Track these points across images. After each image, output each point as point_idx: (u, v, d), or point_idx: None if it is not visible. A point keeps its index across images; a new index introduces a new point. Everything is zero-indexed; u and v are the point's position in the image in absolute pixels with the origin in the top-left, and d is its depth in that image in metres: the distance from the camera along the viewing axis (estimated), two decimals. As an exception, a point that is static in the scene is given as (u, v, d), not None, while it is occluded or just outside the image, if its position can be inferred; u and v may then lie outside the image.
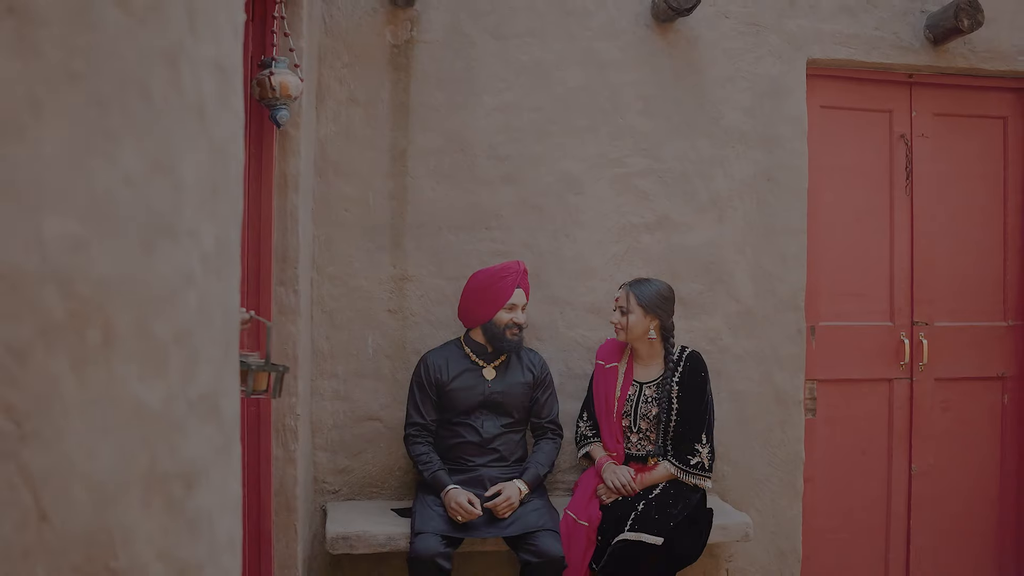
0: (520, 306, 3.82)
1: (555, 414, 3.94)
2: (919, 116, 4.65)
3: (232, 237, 1.75)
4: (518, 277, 3.83)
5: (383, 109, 4.11)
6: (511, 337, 3.81)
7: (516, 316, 3.80)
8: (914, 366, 4.62)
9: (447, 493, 3.58)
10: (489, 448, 3.77)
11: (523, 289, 3.85)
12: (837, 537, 4.57)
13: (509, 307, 3.80)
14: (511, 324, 3.80)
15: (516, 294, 3.81)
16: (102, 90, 1.16)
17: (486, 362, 3.86)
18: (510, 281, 3.81)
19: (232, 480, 1.68)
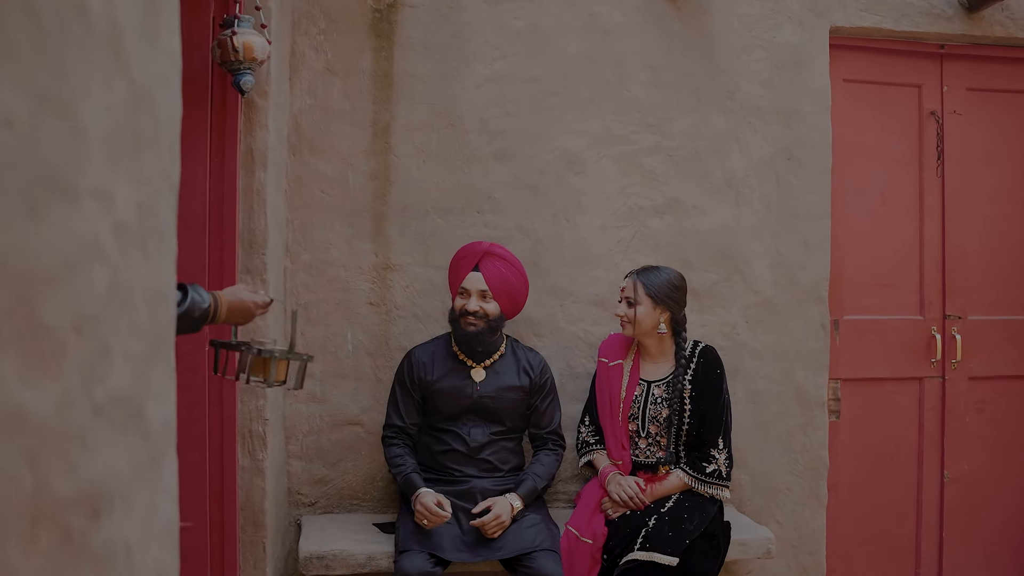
0: (473, 292, 3.36)
1: (556, 423, 3.52)
2: (951, 91, 4.26)
3: (163, 205, 1.42)
4: (476, 258, 3.40)
5: (364, 80, 3.71)
6: (464, 327, 3.37)
7: (469, 304, 3.36)
8: (946, 364, 4.23)
9: (416, 497, 3.17)
10: (479, 458, 3.36)
11: (484, 274, 3.38)
12: (863, 551, 4.17)
13: (461, 292, 3.39)
14: (463, 312, 3.37)
15: (469, 278, 3.38)
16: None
17: (475, 361, 3.46)
18: (466, 262, 3.41)
19: (164, 502, 1.31)
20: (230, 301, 2.45)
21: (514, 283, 3.42)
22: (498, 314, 3.39)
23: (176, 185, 1.42)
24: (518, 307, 3.50)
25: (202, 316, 2.34)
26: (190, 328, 2.33)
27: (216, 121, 3.20)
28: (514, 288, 3.42)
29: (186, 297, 2.24)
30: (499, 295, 3.38)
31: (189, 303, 2.26)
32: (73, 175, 1.08)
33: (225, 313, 2.41)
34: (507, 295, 3.40)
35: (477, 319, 3.36)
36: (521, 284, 3.45)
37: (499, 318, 3.41)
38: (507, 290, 3.39)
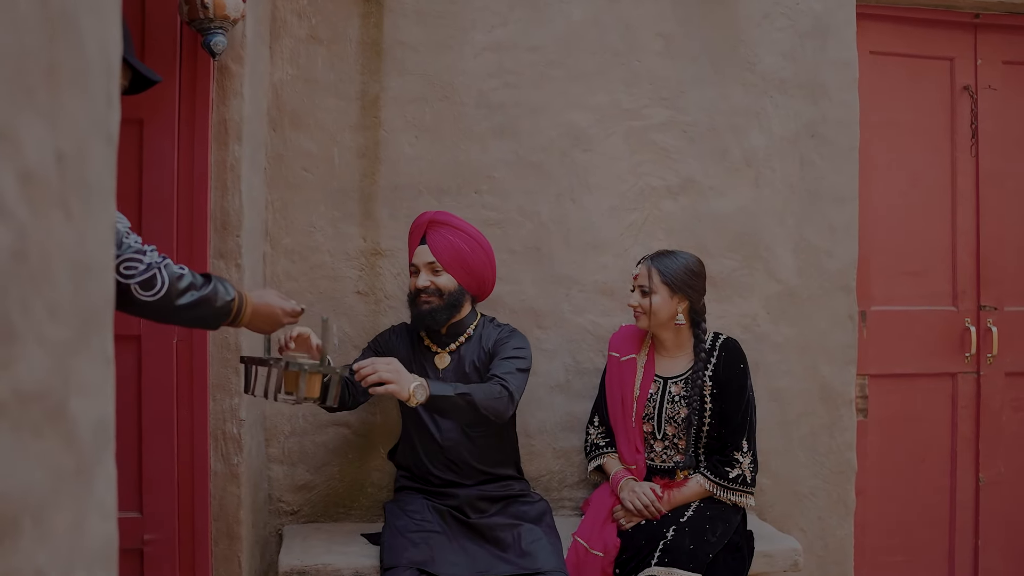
0: (422, 266, 3.01)
1: (506, 372, 2.93)
2: (986, 64, 3.95)
3: (95, 158, 1.10)
4: (421, 230, 3.05)
5: (351, 48, 3.39)
6: (419, 308, 3.02)
7: (419, 280, 3.01)
8: (981, 358, 3.93)
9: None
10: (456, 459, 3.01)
11: (430, 245, 3.01)
12: (893, 561, 3.86)
13: (412, 269, 3.06)
14: (416, 291, 3.03)
15: (417, 252, 3.04)
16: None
17: (440, 346, 3.11)
18: (413, 237, 3.08)
19: (95, 519, 1.07)
20: (257, 304, 2.24)
21: (467, 251, 3.03)
22: (455, 288, 3.02)
23: (114, 137, 1.15)
24: (481, 279, 3.09)
25: (223, 310, 2.13)
26: (208, 320, 2.14)
27: (185, 88, 2.87)
28: (468, 257, 3.03)
29: (209, 282, 2.06)
30: (450, 266, 3.01)
31: (211, 290, 2.07)
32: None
33: (249, 315, 2.21)
34: (460, 266, 3.02)
35: (430, 295, 3.01)
36: (477, 252, 3.06)
37: (457, 292, 3.03)
38: (459, 260, 3.02)
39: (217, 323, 2.18)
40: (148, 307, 2.01)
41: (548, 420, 3.49)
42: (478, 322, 3.15)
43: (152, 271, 1.99)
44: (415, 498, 2.99)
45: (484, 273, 3.09)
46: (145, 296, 1.99)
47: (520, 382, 2.94)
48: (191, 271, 2.09)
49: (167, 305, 2.02)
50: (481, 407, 2.78)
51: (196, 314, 2.10)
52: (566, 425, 3.48)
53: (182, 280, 2.04)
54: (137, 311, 2.02)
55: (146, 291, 1.99)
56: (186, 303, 2.05)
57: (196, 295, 2.07)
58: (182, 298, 2.04)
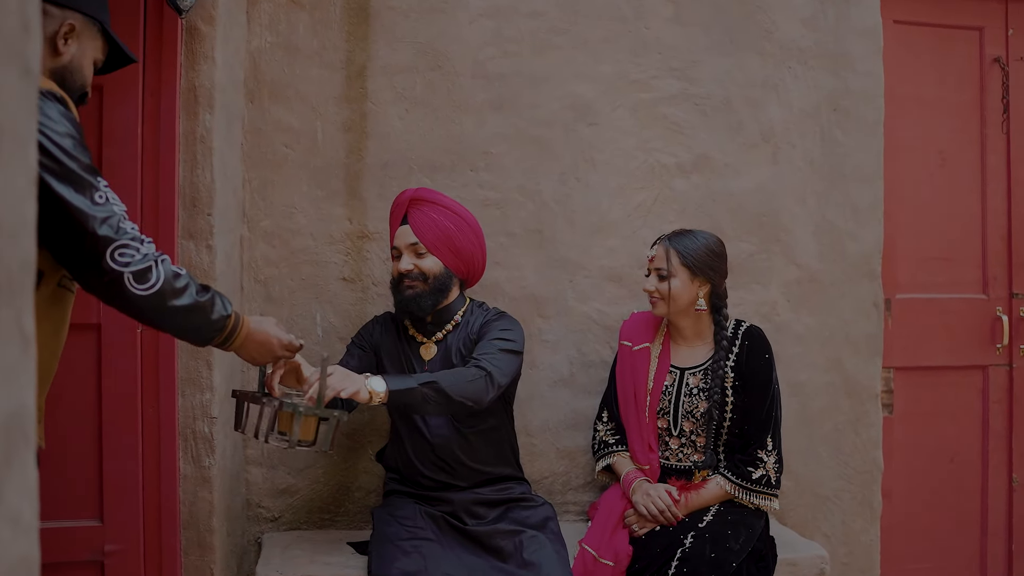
0: (404, 248, 2.75)
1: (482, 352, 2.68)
2: (1018, 35, 3.70)
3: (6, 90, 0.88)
4: (402, 209, 2.78)
5: (335, 13, 3.12)
6: (402, 293, 2.75)
7: (401, 263, 2.75)
8: (1014, 349, 3.67)
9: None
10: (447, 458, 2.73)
11: (412, 225, 2.74)
12: (921, 568, 3.60)
13: (394, 253, 2.79)
14: (399, 276, 2.77)
15: (398, 234, 2.77)
16: None
17: (426, 336, 2.84)
18: (394, 217, 2.81)
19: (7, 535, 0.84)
20: (253, 329, 2.05)
21: (452, 230, 2.76)
22: (441, 271, 2.75)
23: (33, 70, 0.96)
24: (470, 261, 2.82)
25: (217, 324, 1.94)
26: (199, 331, 1.94)
27: (151, 51, 2.61)
28: (455, 237, 2.76)
29: (207, 291, 1.92)
30: (435, 247, 2.74)
31: (208, 298, 1.89)
32: None
33: (243, 338, 2.02)
34: (446, 246, 2.75)
35: (413, 280, 2.74)
36: (464, 231, 2.78)
37: (444, 276, 2.75)
38: (445, 240, 2.75)
39: (209, 337, 1.94)
40: (138, 302, 1.76)
41: (551, 418, 3.22)
42: (466, 308, 2.86)
43: (148, 263, 1.74)
44: (406, 503, 2.71)
45: (473, 254, 2.81)
46: (137, 289, 1.74)
47: (503, 363, 2.64)
48: (191, 276, 1.85)
49: (159, 303, 1.77)
50: (452, 394, 2.50)
51: (188, 321, 1.86)
52: (570, 423, 3.21)
53: (179, 280, 1.80)
54: (126, 306, 1.77)
55: (139, 283, 1.74)
56: (179, 305, 1.81)
57: (191, 300, 1.82)
58: (176, 299, 1.80)
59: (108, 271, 1.72)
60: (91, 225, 1.68)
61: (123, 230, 1.73)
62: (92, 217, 1.68)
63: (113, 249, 1.71)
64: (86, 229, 1.67)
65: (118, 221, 1.72)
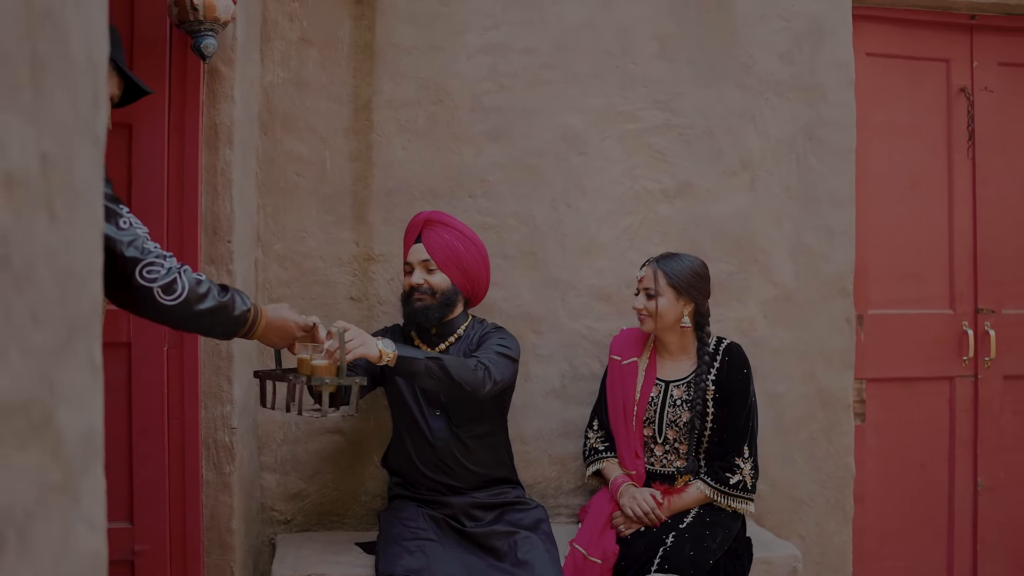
0: (416, 264, 3.01)
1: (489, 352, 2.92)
2: (982, 66, 3.94)
3: (81, 160, 1.06)
4: (417, 229, 3.04)
5: (343, 51, 3.35)
6: (413, 306, 3.00)
7: (413, 278, 3.01)
8: (979, 361, 3.91)
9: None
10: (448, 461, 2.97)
11: (426, 243, 3.01)
12: (891, 566, 3.83)
13: (407, 268, 3.05)
14: (409, 289, 3.02)
15: (412, 251, 3.03)
16: None
17: (429, 346, 3.08)
18: (409, 236, 3.07)
19: (83, 532, 1.04)
20: (271, 317, 2.28)
21: (462, 251, 3.02)
22: (448, 287, 3.00)
23: (101, 139, 1.13)
24: (476, 280, 3.07)
25: (239, 319, 2.18)
26: (224, 328, 2.19)
27: (175, 92, 2.83)
28: (463, 257, 3.02)
29: (226, 291, 2.10)
30: (445, 265, 3.00)
31: (228, 298, 2.12)
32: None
33: (263, 328, 2.25)
34: (455, 265, 3.01)
35: (423, 294, 2.99)
36: (472, 252, 3.05)
37: (451, 292, 3.01)
38: (455, 259, 3.00)
39: (232, 332, 2.19)
40: (169, 312, 2.02)
41: (544, 426, 3.45)
42: (468, 323, 3.11)
43: (173, 275, 2.00)
44: (409, 506, 2.94)
45: (479, 274, 3.07)
46: (167, 300, 1.99)
47: (501, 365, 2.88)
48: (209, 279, 2.10)
49: (187, 310, 2.03)
50: (453, 374, 2.73)
51: (213, 321, 2.11)
52: (562, 431, 3.44)
53: (201, 286, 2.05)
54: (158, 316, 2.03)
55: (167, 295, 1.99)
56: (204, 309, 2.06)
57: (214, 302, 2.08)
58: (201, 304, 2.05)
59: (139, 287, 1.97)
60: (119, 248, 1.93)
61: (147, 250, 1.98)
62: (119, 242, 1.93)
63: (141, 267, 1.96)
64: (115, 252, 1.92)
65: (142, 243, 1.97)
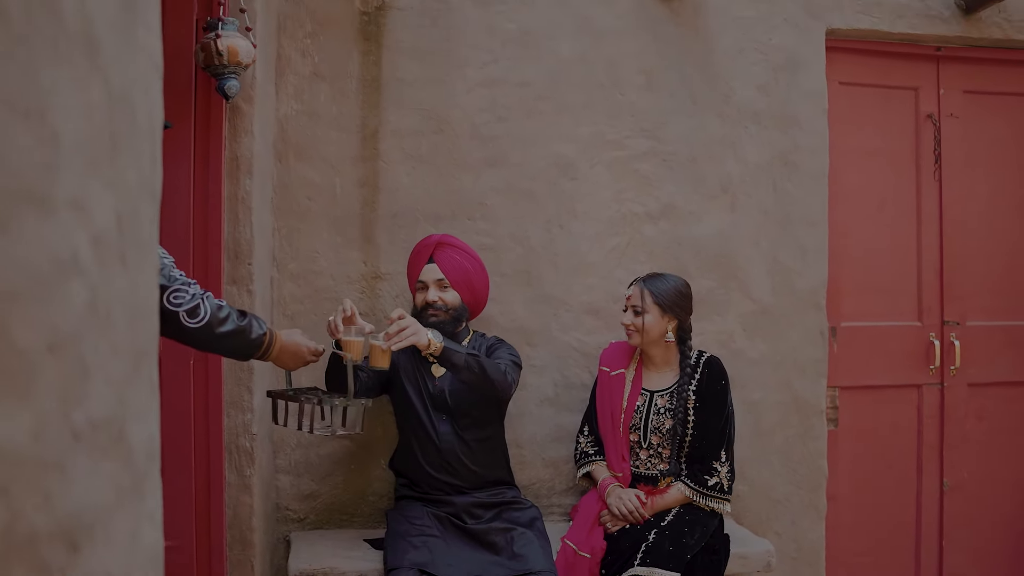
0: (431, 283, 3.28)
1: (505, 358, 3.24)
2: (948, 94, 4.20)
3: (145, 214, 1.33)
4: (430, 250, 3.32)
5: (351, 84, 3.62)
6: (426, 319, 3.25)
7: (428, 295, 3.28)
8: (945, 370, 4.17)
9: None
10: (452, 462, 3.24)
11: (439, 264, 3.29)
12: (862, 561, 4.10)
13: (419, 286, 3.32)
14: (423, 305, 3.29)
15: (425, 270, 3.30)
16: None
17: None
18: (421, 256, 3.34)
19: (147, 528, 1.25)
20: (285, 342, 2.53)
21: (472, 271, 3.33)
22: (459, 304, 3.30)
23: (158, 194, 1.35)
24: (479, 298, 3.39)
25: (255, 343, 2.42)
26: (242, 350, 2.43)
27: (200, 127, 3.10)
28: (472, 276, 3.33)
29: (244, 316, 2.35)
30: (457, 284, 3.29)
31: (246, 323, 2.36)
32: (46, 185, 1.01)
33: (277, 351, 2.50)
34: (465, 284, 3.31)
35: (437, 310, 3.27)
36: (479, 272, 3.37)
37: (460, 308, 3.31)
38: (465, 278, 3.31)
39: (249, 354, 2.45)
40: (192, 334, 2.27)
41: (538, 432, 3.72)
42: (471, 337, 3.40)
43: (196, 301, 2.25)
44: (415, 505, 3.22)
45: (483, 292, 3.39)
46: (191, 323, 2.26)
47: (516, 373, 3.22)
48: (229, 305, 2.36)
49: (209, 333, 2.29)
50: (488, 371, 3.07)
51: (232, 343, 2.37)
52: (555, 436, 3.71)
53: (222, 311, 2.31)
54: (183, 337, 2.29)
55: (192, 319, 2.25)
56: (224, 332, 2.32)
57: (233, 326, 2.34)
58: (222, 327, 2.31)
59: (165, 311, 2.23)
60: None
61: (173, 277, 2.25)
62: None
63: (169, 293, 2.23)
64: None
65: (168, 271, 2.24)
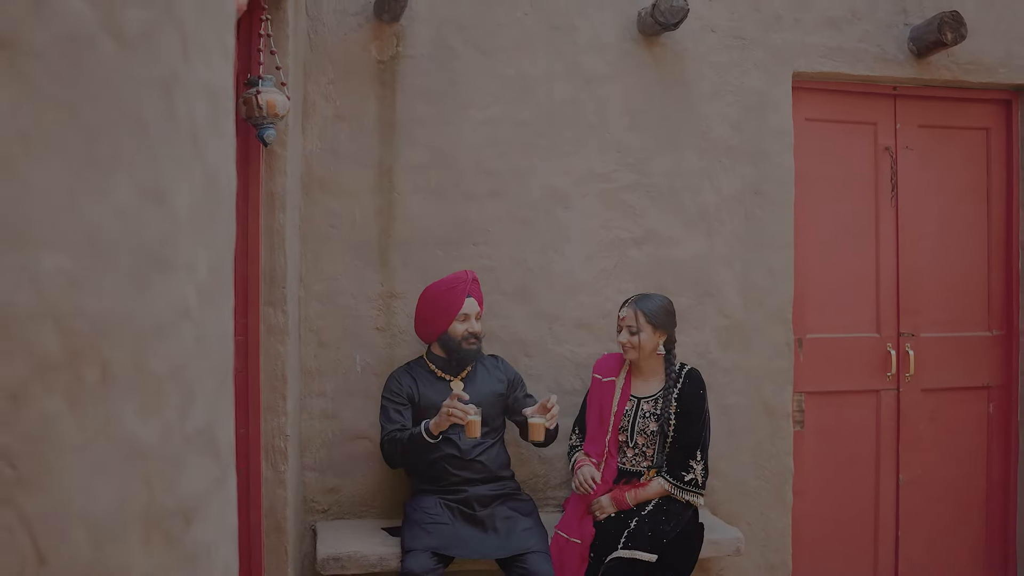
0: (472, 315, 3.77)
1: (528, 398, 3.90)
2: (904, 128, 4.67)
3: (226, 264, 1.73)
4: (467, 286, 3.79)
5: (369, 125, 4.08)
6: (468, 347, 3.77)
7: (470, 326, 3.77)
8: (901, 377, 4.64)
9: (430, 422, 3.56)
10: (471, 460, 3.72)
11: (475, 298, 3.80)
12: (825, 547, 4.57)
13: (462, 317, 3.76)
14: (466, 335, 3.77)
15: (467, 303, 3.77)
16: (94, 121, 1.13)
17: (452, 375, 3.84)
18: (460, 291, 3.78)
19: (229, 511, 1.68)
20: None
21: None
22: (483, 330, 3.84)
23: (233, 244, 1.80)
24: None
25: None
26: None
27: (240, 169, 3.56)
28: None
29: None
30: (480, 314, 3.82)
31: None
32: (168, 251, 1.41)
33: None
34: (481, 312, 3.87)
35: (475, 339, 3.77)
36: None
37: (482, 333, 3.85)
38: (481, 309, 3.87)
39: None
40: None
41: (535, 433, 4.18)
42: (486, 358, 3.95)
43: None
44: (429, 498, 3.68)
45: None
46: None
47: None
48: None
49: None
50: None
51: None
52: (550, 437, 4.18)
53: None
54: None
55: None
56: None
57: None
58: None
59: None
60: None
61: None
62: None
63: None
64: None
65: None
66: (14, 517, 1.02)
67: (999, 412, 4.75)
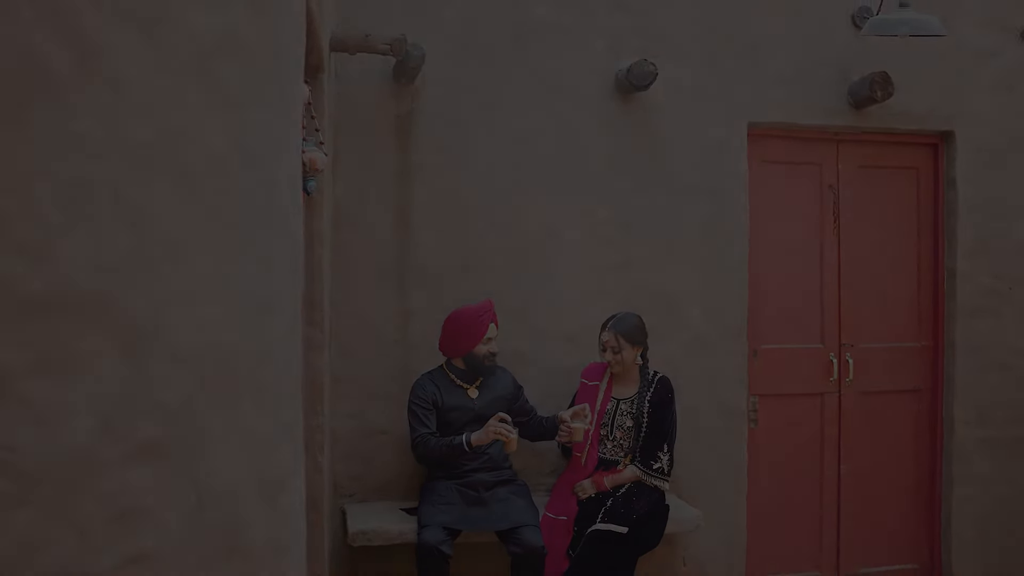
0: (494, 338, 4.56)
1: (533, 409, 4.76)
2: (845, 168, 5.43)
3: (298, 304, 2.49)
4: (491, 315, 4.56)
5: (388, 170, 4.83)
6: (488, 363, 4.56)
7: (491, 347, 4.55)
8: (842, 382, 5.40)
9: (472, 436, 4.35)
10: (482, 453, 4.49)
11: (494, 323, 4.57)
12: (777, 527, 5.33)
13: (485, 340, 4.54)
14: (487, 353, 4.54)
15: (491, 329, 4.55)
16: (241, 223, 1.87)
17: (468, 383, 4.60)
18: (486, 319, 4.54)
19: (301, 482, 2.42)
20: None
21: None
22: None
23: (301, 289, 2.55)
24: None
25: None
26: None
27: (286, 212, 4.31)
28: None
29: None
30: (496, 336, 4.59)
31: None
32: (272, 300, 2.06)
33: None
34: None
35: (493, 356, 4.56)
36: None
37: None
38: None
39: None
40: None
41: (529, 429, 4.95)
42: None
43: None
44: (442, 482, 4.46)
45: None
46: None
47: None
48: None
49: None
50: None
51: None
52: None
53: None
54: None
55: None
56: None
57: None
58: None
59: None
60: None
61: None
62: None
63: None
64: None
65: None
66: (187, 479, 1.71)
67: (925, 412, 5.54)
